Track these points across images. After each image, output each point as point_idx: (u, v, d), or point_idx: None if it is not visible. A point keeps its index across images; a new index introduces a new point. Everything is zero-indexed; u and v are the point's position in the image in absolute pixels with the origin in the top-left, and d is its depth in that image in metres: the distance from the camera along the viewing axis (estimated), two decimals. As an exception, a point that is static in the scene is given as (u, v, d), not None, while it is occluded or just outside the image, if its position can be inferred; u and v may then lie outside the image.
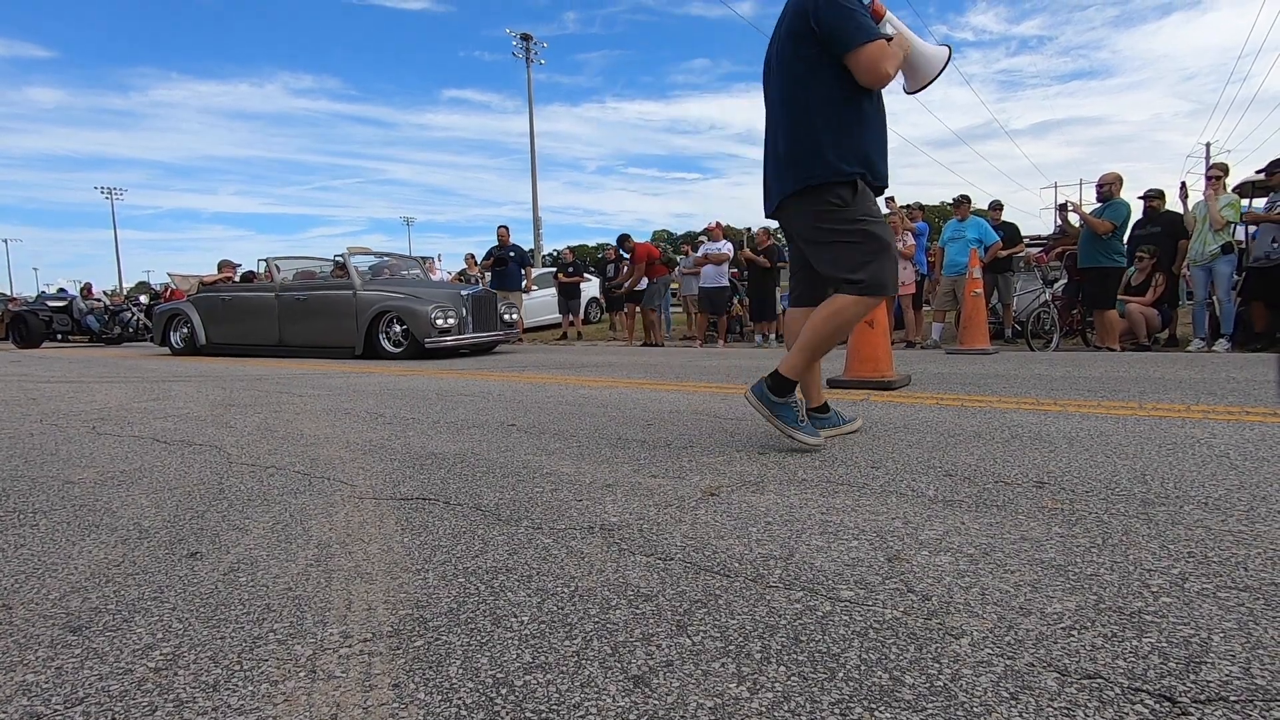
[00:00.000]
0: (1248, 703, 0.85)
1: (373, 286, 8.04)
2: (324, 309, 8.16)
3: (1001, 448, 2.26)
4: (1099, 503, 1.65)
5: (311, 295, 8.32)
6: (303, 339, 8.36)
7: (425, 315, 7.37)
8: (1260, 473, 1.87)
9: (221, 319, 9.03)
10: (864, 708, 0.87)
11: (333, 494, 1.93)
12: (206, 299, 9.31)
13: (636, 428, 2.82)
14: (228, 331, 8.97)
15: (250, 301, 8.85)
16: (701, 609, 1.15)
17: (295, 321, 8.40)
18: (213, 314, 9.15)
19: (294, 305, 8.43)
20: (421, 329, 7.33)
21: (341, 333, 7.98)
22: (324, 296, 8.21)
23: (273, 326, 8.55)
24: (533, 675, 0.96)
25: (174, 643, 1.09)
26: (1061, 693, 0.88)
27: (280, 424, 3.16)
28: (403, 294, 7.80)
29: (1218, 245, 6.21)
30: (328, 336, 8.12)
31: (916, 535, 1.47)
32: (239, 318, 8.86)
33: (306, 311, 8.32)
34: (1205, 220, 6.28)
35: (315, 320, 8.23)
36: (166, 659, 1.04)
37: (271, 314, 8.56)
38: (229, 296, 9.10)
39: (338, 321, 8.02)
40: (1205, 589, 1.17)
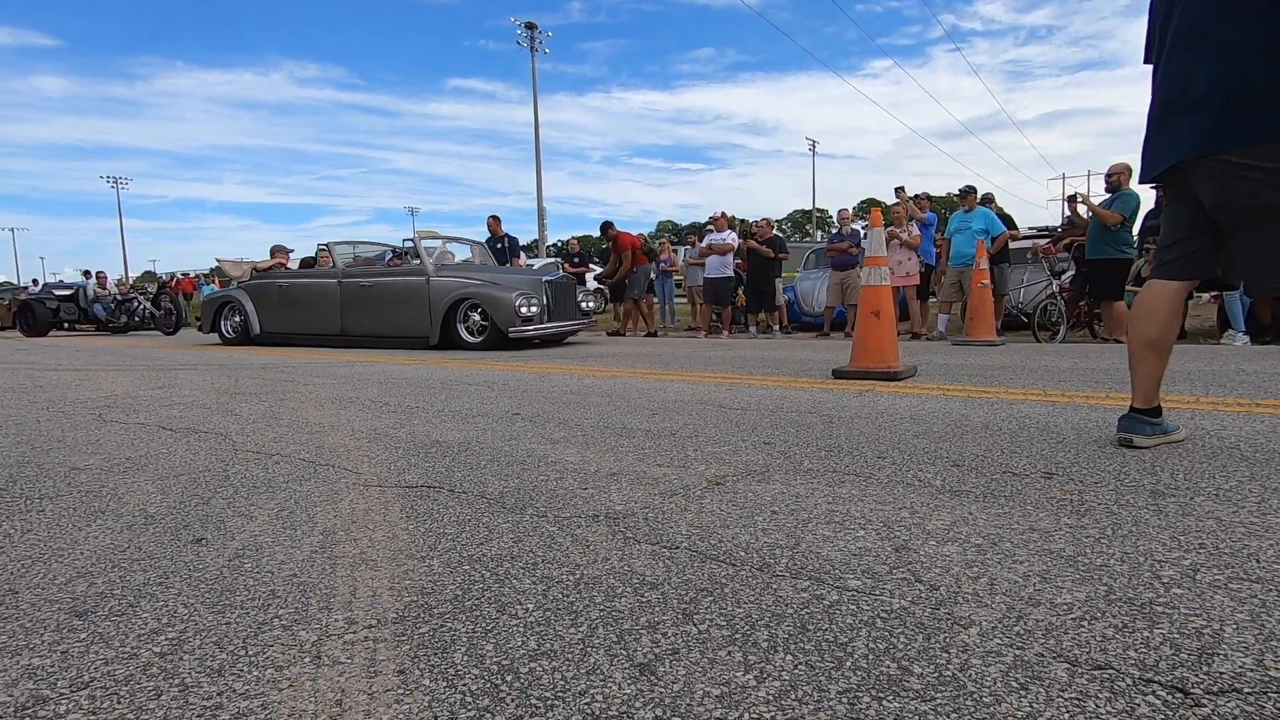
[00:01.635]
0: (1261, 694, 0.84)
1: (447, 273, 7.48)
2: (393, 297, 7.57)
3: (1009, 438, 2.25)
4: (1108, 494, 1.64)
5: (379, 282, 7.73)
6: (368, 328, 7.79)
7: (509, 303, 6.80)
8: (1271, 465, 1.85)
9: (277, 307, 8.46)
10: (872, 697, 0.86)
11: (338, 481, 1.93)
12: (261, 286, 8.70)
13: (641, 417, 2.81)
14: (284, 320, 8.40)
15: (309, 289, 8.23)
16: (708, 597, 1.15)
17: (360, 310, 7.84)
18: (267, 301, 8.56)
19: (358, 293, 7.84)
20: (504, 318, 6.80)
21: (413, 321, 7.42)
22: (393, 283, 7.61)
23: (334, 315, 7.99)
24: (538, 662, 0.96)
25: (179, 628, 1.09)
26: (1072, 683, 0.87)
27: (285, 412, 3.17)
28: (481, 280, 7.23)
29: None
30: (397, 326, 7.56)
31: (924, 525, 1.46)
32: (297, 306, 8.29)
33: (373, 299, 7.74)
34: None
35: (383, 309, 7.66)
36: (171, 644, 1.04)
37: (333, 302, 7.99)
38: (286, 283, 8.47)
39: (409, 310, 7.45)
40: (1217, 580, 1.15)
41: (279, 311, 8.47)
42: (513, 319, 6.80)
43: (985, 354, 5.39)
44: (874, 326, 3.93)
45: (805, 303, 10.11)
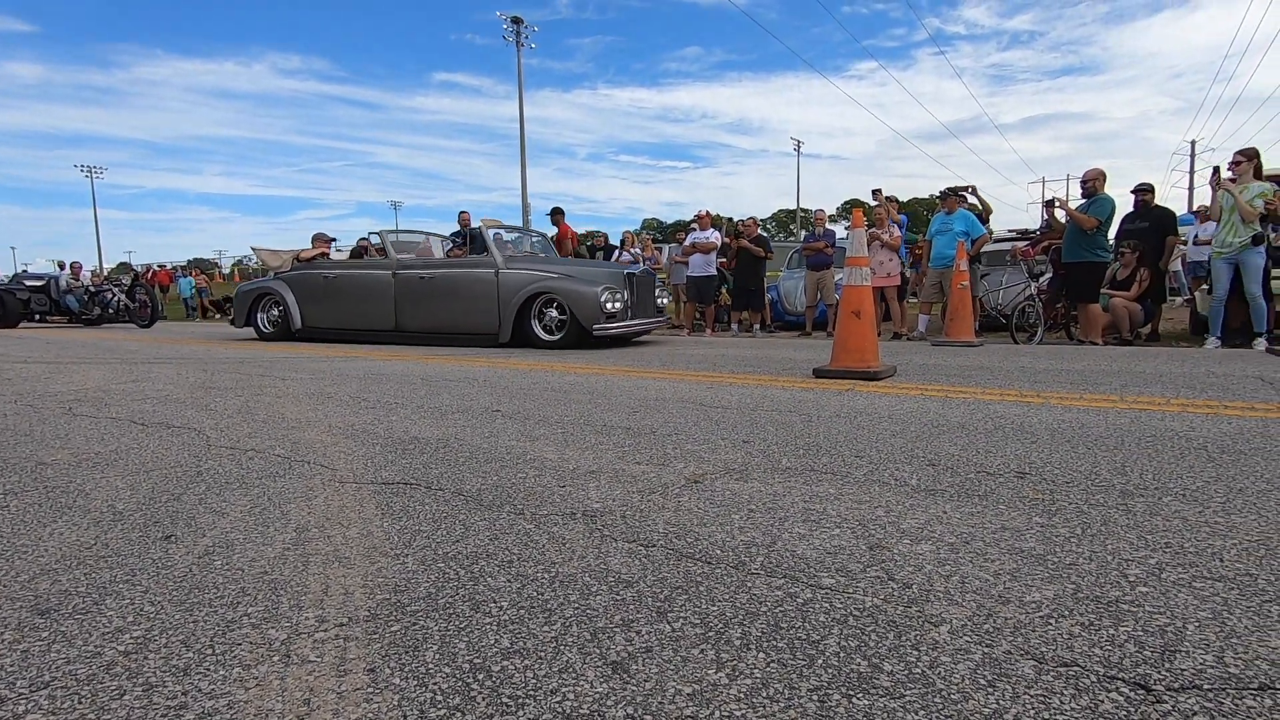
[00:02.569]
0: (1220, 690, 0.85)
1: (518, 264, 6.93)
2: (457, 290, 6.96)
3: (984, 438, 2.28)
4: (1079, 493, 1.67)
5: (440, 274, 7.11)
6: (427, 324, 7.18)
7: (593, 298, 6.26)
8: (1236, 465, 1.89)
9: (322, 299, 7.76)
10: (842, 694, 0.86)
11: (313, 478, 1.91)
12: (304, 277, 7.94)
13: (622, 414, 2.81)
14: (330, 314, 7.73)
15: (360, 281, 7.55)
16: (682, 595, 1.15)
17: (417, 304, 7.21)
18: (311, 293, 7.84)
19: (416, 286, 7.18)
20: (588, 313, 6.27)
21: (479, 317, 6.85)
22: (457, 276, 7.00)
23: (387, 310, 7.37)
24: (510, 660, 0.96)
25: (145, 626, 1.07)
26: (1038, 680, 0.89)
27: (261, 407, 3.12)
28: (557, 273, 6.71)
29: (1248, 236, 5.77)
30: (461, 322, 6.97)
31: (898, 524, 1.47)
32: (345, 299, 7.61)
33: (433, 293, 7.10)
34: (1233, 210, 5.85)
35: (445, 303, 7.04)
36: (137, 643, 1.02)
37: (386, 295, 7.35)
38: (333, 274, 7.73)
39: (475, 305, 6.87)
40: (1181, 579, 1.18)
41: (324, 305, 7.77)
42: (597, 315, 6.27)
43: (964, 354, 5.46)
44: (855, 326, 3.95)
45: (788, 302, 10.17)
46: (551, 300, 6.57)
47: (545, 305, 6.62)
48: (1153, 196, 7.34)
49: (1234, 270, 5.88)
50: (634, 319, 6.85)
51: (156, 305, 13.04)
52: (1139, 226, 7.22)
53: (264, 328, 8.24)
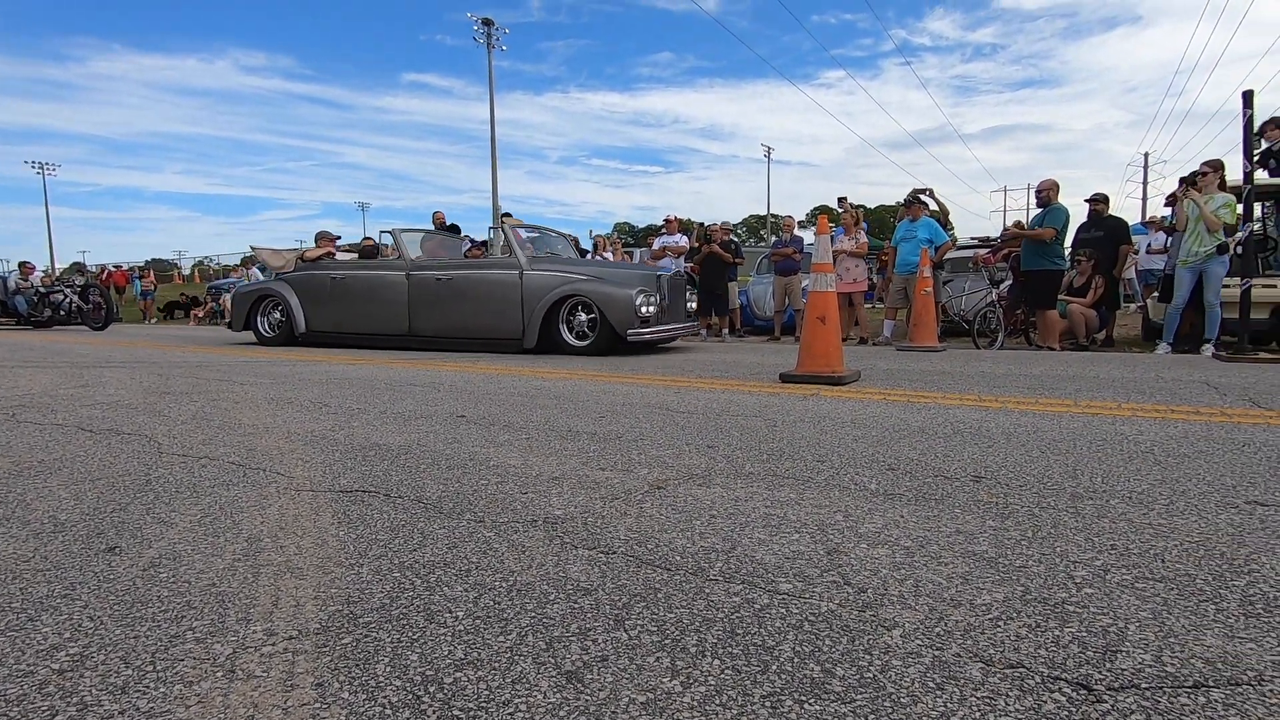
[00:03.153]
0: (1157, 689, 0.88)
1: (543, 266, 6.54)
2: (477, 293, 6.57)
3: (943, 443, 2.32)
4: (1031, 496, 1.71)
5: (459, 275, 6.71)
6: (444, 329, 6.79)
7: (627, 301, 5.86)
8: (1180, 468, 1.96)
9: (328, 301, 7.33)
10: (794, 700, 0.87)
11: (267, 486, 1.86)
12: (309, 277, 7.49)
13: (588, 420, 2.80)
14: (337, 317, 7.31)
15: (370, 282, 7.15)
16: (640, 603, 1.15)
17: (433, 308, 6.81)
18: (316, 295, 7.40)
19: (432, 287, 6.79)
20: (622, 317, 5.88)
21: (502, 321, 6.47)
22: (477, 277, 6.62)
23: (400, 313, 6.97)
24: (463, 672, 0.94)
25: (83, 643, 1.03)
26: (985, 682, 0.90)
27: (217, 413, 3.04)
28: (587, 274, 6.35)
29: (1213, 245, 5.91)
30: (482, 326, 6.58)
31: (857, 528, 1.49)
32: (353, 301, 7.20)
33: (451, 296, 6.70)
34: (1198, 220, 6.00)
35: (463, 306, 6.65)
36: (73, 660, 0.98)
37: (399, 298, 6.95)
38: (341, 275, 7.29)
39: (497, 308, 6.48)
40: (1125, 580, 1.21)
41: (331, 307, 7.34)
42: (631, 319, 5.88)
43: (927, 359, 5.56)
44: (820, 332, 4.00)
45: (757, 306, 10.26)
46: (581, 304, 6.18)
47: (574, 309, 6.24)
48: (1106, 206, 7.58)
49: (1196, 278, 6.05)
50: (667, 323, 6.47)
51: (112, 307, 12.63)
52: (1094, 235, 7.45)
53: (265, 331, 7.77)
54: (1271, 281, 6.52)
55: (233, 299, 8.30)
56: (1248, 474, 1.89)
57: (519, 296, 6.39)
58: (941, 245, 7.66)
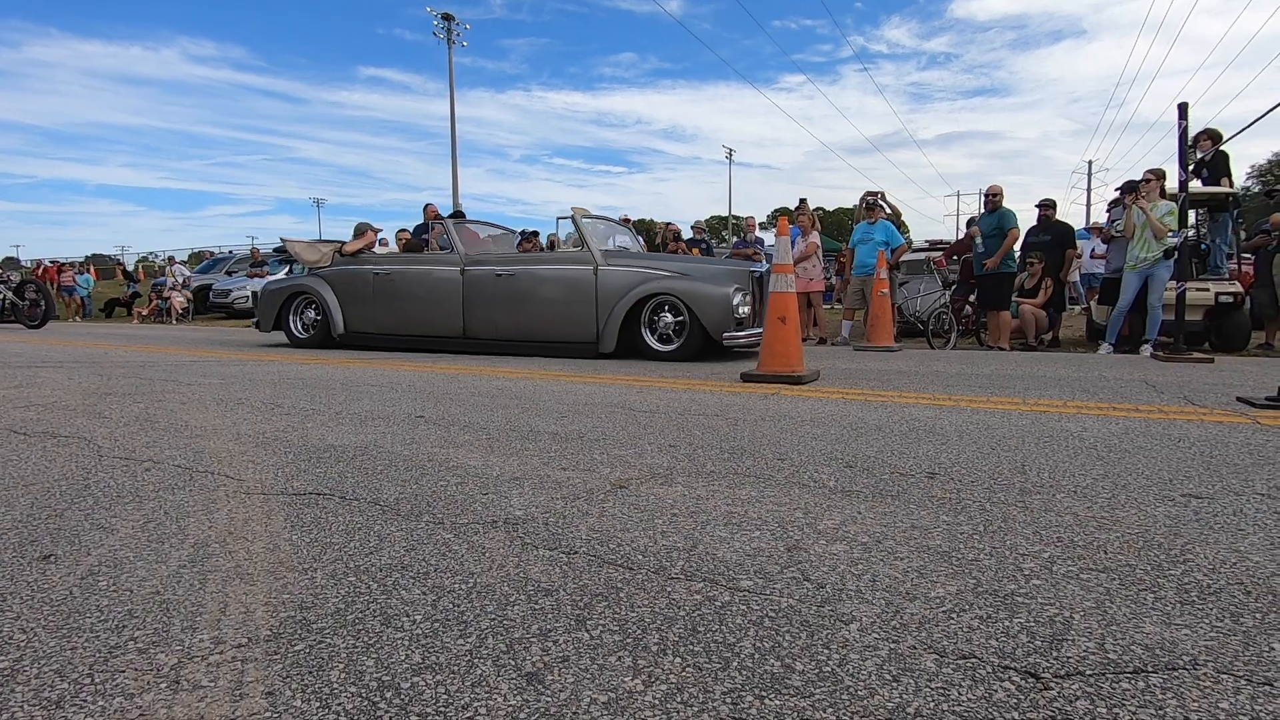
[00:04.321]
0: (1100, 675, 0.91)
1: (620, 261, 5.86)
2: (542, 290, 5.91)
3: (899, 440, 2.37)
4: (983, 492, 1.76)
5: (522, 272, 6.04)
6: (505, 330, 6.08)
7: (725, 300, 5.23)
8: (1122, 463, 2.04)
9: (371, 300, 6.63)
10: (755, 695, 0.88)
11: (216, 489, 1.80)
12: (349, 273, 6.78)
13: (550, 420, 2.78)
14: (380, 317, 6.61)
15: (420, 278, 6.44)
16: (602, 602, 1.14)
17: (492, 307, 6.12)
18: (357, 293, 6.71)
19: (491, 285, 6.09)
20: (718, 319, 5.23)
21: (574, 323, 5.79)
22: (544, 274, 5.95)
23: (453, 313, 6.26)
24: (421, 676, 0.92)
25: (14, 656, 0.98)
26: (939, 673, 0.92)
27: (163, 414, 2.93)
28: (671, 271, 5.67)
29: (1159, 250, 6.13)
30: (548, 328, 5.90)
31: (816, 525, 1.51)
32: (400, 300, 6.50)
33: (512, 294, 6.01)
34: (1144, 227, 6.23)
35: (527, 305, 5.97)
36: (3, 675, 0.93)
37: (452, 296, 6.25)
38: (385, 270, 6.61)
39: (568, 308, 5.81)
40: (1070, 571, 1.26)
41: (374, 306, 6.63)
42: (727, 321, 5.23)
43: (884, 359, 5.68)
44: (780, 331, 4.05)
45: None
46: (667, 304, 5.50)
47: (658, 310, 5.56)
48: (1054, 211, 7.87)
49: (1143, 282, 6.32)
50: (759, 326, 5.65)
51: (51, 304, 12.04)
52: (1042, 239, 7.72)
53: (298, 332, 7.06)
54: (1204, 285, 6.85)
55: (261, 296, 7.53)
56: (1183, 468, 1.98)
57: (593, 295, 5.71)
58: (897, 248, 7.83)
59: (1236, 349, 6.68)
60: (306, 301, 7.04)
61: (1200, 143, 7.34)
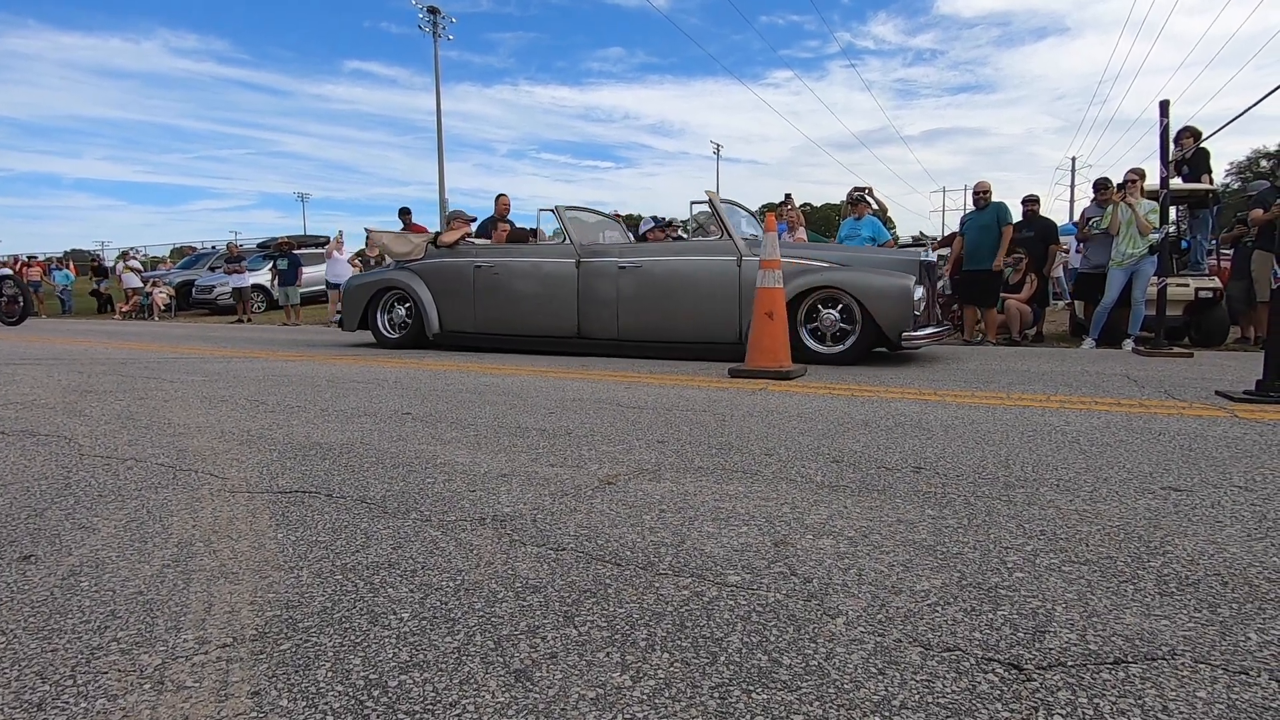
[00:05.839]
0: (1082, 666, 0.93)
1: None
2: (675, 285, 5.19)
3: (885, 435, 2.39)
4: (967, 486, 1.77)
5: (649, 264, 5.35)
6: (629, 330, 5.43)
7: (903, 295, 4.61)
8: (1104, 456, 2.06)
9: (470, 296, 5.99)
10: (742, 690, 0.88)
11: (199, 488, 1.78)
12: (445, 266, 6.13)
13: (538, 416, 2.78)
14: (481, 314, 5.96)
15: (529, 271, 5.80)
16: (590, 599, 1.14)
17: (613, 303, 5.46)
18: (454, 288, 6.06)
19: (612, 278, 5.44)
20: (896, 315, 4.60)
21: (709, 321, 5.13)
22: (677, 266, 5.23)
23: (566, 310, 5.63)
24: (409, 675, 0.92)
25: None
26: (924, 666, 0.93)
27: (145, 412, 2.89)
28: (831, 261, 5.01)
29: (1145, 247, 6.24)
30: (681, 326, 5.21)
31: (803, 520, 1.52)
32: (505, 296, 5.88)
33: (640, 289, 5.34)
34: (1130, 223, 6.33)
35: (656, 302, 5.28)
36: (-18, 677, 0.92)
37: (566, 292, 5.62)
38: (487, 263, 5.95)
39: (703, 305, 5.14)
40: (1053, 564, 1.27)
41: (473, 303, 5.98)
42: (906, 319, 4.61)
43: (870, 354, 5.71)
44: (768, 327, 4.07)
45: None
46: (830, 299, 4.85)
47: (817, 305, 4.90)
48: (1038, 207, 7.95)
49: (1128, 278, 6.43)
50: (931, 325, 5.12)
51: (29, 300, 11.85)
52: (1026, 235, 7.79)
53: (386, 331, 6.40)
54: (1184, 281, 6.95)
55: (345, 292, 6.91)
56: (1163, 461, 2.01)
57: (736, 290, 5.03)
58: (884, 244, 7.87)
59: (1216, 343, 6.78)
60: (396, 298, 6.36)
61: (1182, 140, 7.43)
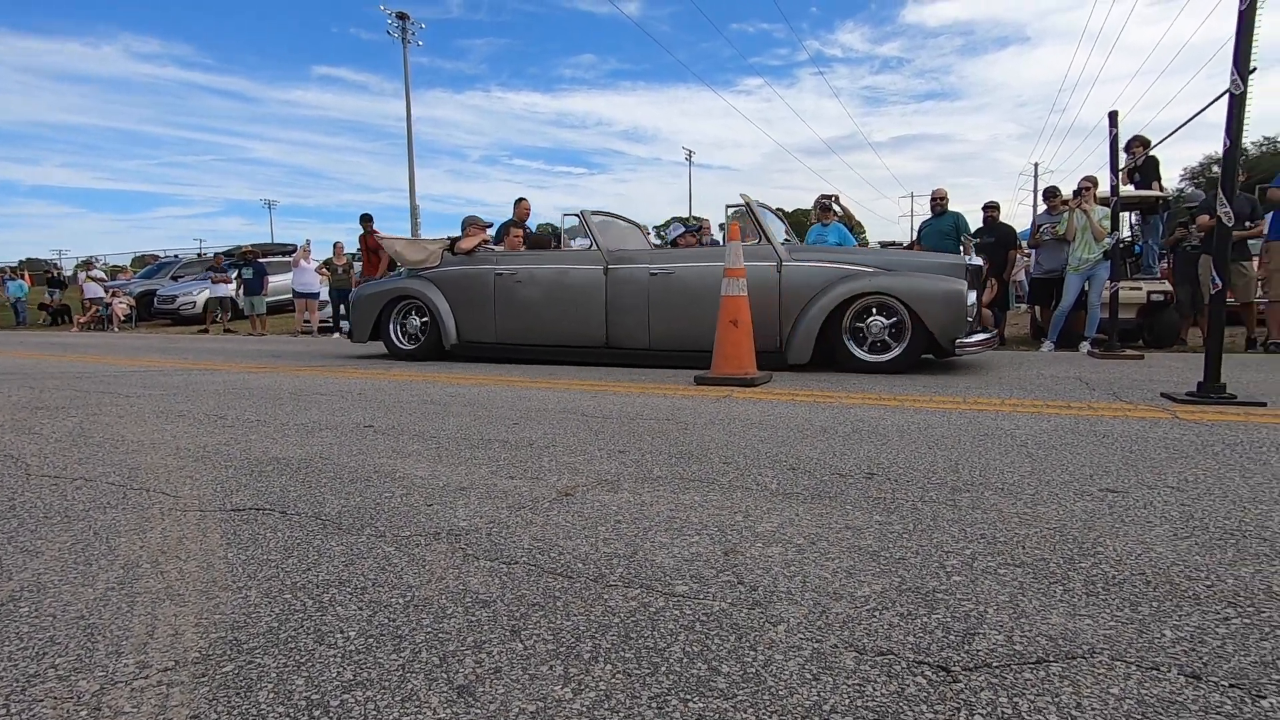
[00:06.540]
0: (1006, 666, 0.97)
1: (806, 255, 5.02)
2: (708, 292, 4.86)
3: (842, 441, 2.44)
4: (916, 491, 1.82)
5: (681, 270, 5.14)
6: (659, 338, 5.23)
7: (956, 299, 4.47)
8: (1049, 459, 2.14)
9: (491, 304, 5.77)
10: (680, 699, 0.91)
11: (150, 507, 1.76)
12: (463, 274, 5.92)
13: (501, 427, 2.78)
14: (503, 324, 5.74)
15: (554, 279, 5.59)
16: (538, 612, 1.16)
17: (644, 311, 5.26)
18: (473, 297, 5.84)
19: (642, 285, 5.24)
20: (949, 321, 4.48)
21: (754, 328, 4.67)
22: (711, 272, 4.89)
23: (594, 319, 5.42)
24: (351, 693, 0.93)
25: (-76, 689, 0.95)
26: (857, 670, 0.97)
27: (98, 429, 2.83)
28: (874, 265, 4.83)
29: (1100, 252, 6.42)
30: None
31: (755, 528, 1.55)
32: (527, 304, 5.65)
33: (672, 296, 5.14)
34: (1085, 230, 6.55)
35: (688, 309, 5.09)
36: (-89, 708, 0.90)
37: (593, 299, 5.41)
38: (511, 270, 5.74)
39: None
40: (989, 567, 1.32)
41: (494, 312, 5.76)
42: (960, 324, 4.49)
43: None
44: (732, 334, 4.12)
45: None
46: (875, 305, 4.71)
47: (863, 313, 4.76)
48: (998, 213, 8.16)
49: (1084, 282, 6.68)
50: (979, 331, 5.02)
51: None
52: (986, 241, 7.99)
53: (400, 342, 6.15)
54: (1137, 285, 7.19)
55: (355, 301, 6.59)
56: (1104, 463, 2.08)
57: (775, 296, 4.85)
58: (850, 250, 8.01)
59: (1167, 345, 7.01)
60: (410, 307, 6.14)
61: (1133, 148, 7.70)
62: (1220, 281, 3.24)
